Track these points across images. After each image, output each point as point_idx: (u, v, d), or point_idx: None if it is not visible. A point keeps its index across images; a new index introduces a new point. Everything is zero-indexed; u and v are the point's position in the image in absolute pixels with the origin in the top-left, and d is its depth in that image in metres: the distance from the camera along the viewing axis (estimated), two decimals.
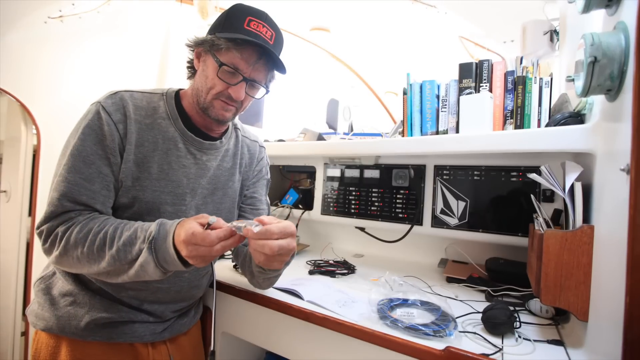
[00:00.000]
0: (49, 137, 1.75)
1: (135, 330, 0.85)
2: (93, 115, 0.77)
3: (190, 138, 0.86)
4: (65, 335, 0.81)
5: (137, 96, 0.82)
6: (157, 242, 0.69)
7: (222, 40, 0.77)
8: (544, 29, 1.48)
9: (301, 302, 0.93)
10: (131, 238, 0.70)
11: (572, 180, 0.78)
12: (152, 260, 0.69)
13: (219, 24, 0.82)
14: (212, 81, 0.80)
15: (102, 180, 0.76)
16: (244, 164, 1.00)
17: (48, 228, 0.74)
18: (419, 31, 2.61)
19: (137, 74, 2.04)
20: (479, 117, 1.09)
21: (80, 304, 0.81)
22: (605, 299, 0.64)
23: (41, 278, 0.88)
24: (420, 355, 0.71)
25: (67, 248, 0.72)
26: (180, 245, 0.67)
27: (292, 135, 1.79)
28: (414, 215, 1.30)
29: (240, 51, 0.78)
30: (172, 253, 0.68)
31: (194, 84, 0.86)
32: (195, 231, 0.65)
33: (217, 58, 0.78)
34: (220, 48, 0.78)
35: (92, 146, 0.76)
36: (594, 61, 0.60)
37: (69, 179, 0.74)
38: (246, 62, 0.79)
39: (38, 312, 0.84)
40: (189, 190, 0.86)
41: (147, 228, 0.71)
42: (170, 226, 0.70)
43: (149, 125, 0.82)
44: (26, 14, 1.60)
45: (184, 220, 0.71)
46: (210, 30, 0.83)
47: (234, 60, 0.78)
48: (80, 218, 0.74)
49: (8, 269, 1.89)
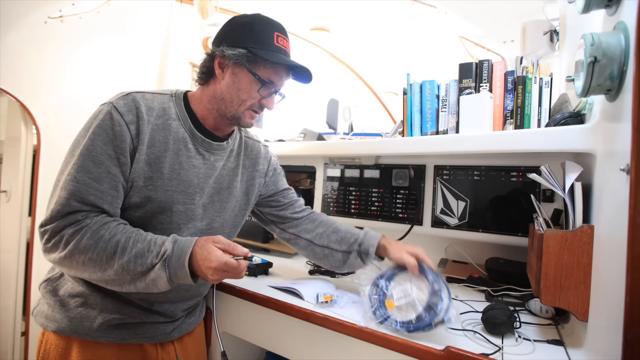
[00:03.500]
0: (49, 137, 1.75)
1: (147, 331, 0.86)
2: (105, 115, 0.77)
3: (200, 139, 0.88)
4: (78, 337, 0.81)
5: (148, 97, 0.83)
6: (172, 260, 0.72)
7: (260, 57, 0.82)
8: (544, 29, 1.48)
9: (301, 302, 0.93)
10: (143, 251, 0.72)
11: (572, 180, 0.78)
12: (164, 276, 0.72)
13: (248, 37, 0.83)
14: (247, 94, 0.85)
15: (110, 180, 0.76)
16: (247, 164, 1.01)
17: (53, 228, 0.73)
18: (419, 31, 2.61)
19: (138, 74, 2.04)
20: (479, 117, 1.09)
21: (92, 305, 0.82)
22: (605, 299, 0.64)
23: (48, 280, 0.88)
24: (420, 355, 0.71)
25: (74, 252, 0.72)
26: (206, 269, 0.72)
27: (292, 135, 1.79)
28: (414, 215, 1.30)
29: (275, 68, 0.86)
30: (186, 272, 0.72)
31: (211, 90, 0.88)
32: (228, 262, 0.71)
33: (257, 74, 0.84)
34: (257, 65, 0.84)
35: (102, 146, 0.76)
36: (594, 61, 0.60)
37: (77, 178, 0.74)
38: (280, 78, 0.88)
39: (48, 313, 0.84)
40: (199, 189, 0.88)
41: (161, 244, 0.73)
42: (185, 246, 0.74)
43: (160, 126, 0.83)
44: (26, 14, 1.60)
45: (200, 241, 0.75)
46: (237, 40, 0.83)
47: (271, 76, 0.86)
48: (88, 222, 0.74)
49: (8, 269, 1.89)
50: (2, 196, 1.93)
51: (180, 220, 0.85)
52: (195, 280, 0.75)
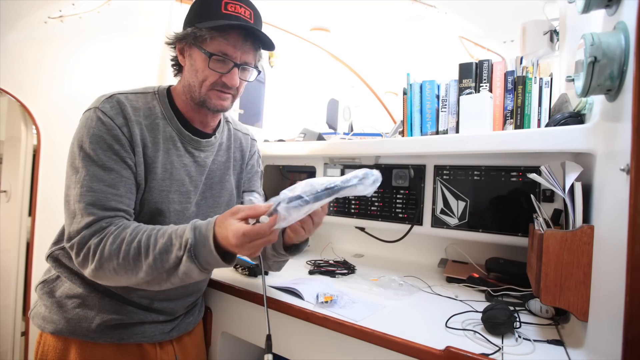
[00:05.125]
0: (49, 137, 1.75)
1: (145, 331, 0.85)
2: (95, 122, 0.75)
3: (188, 137, 0.86)
4: (76, 337, 0.81)
5: (131, 98, 0.81)
6: (197, 248, 0.68)
7: (205, 30, 0.76)
8: (544, 29, 1.48)
9: (301, 302, 0.93)
10: (167, 245, 0.69)
11: (572, 180, 0.78)
12: (195, 267, 0.68)
13: (195, 13, 0.81)
14: (203, 73, 0.80)
15: (125, 184, 0.76)
16: (237, 157, 1.01)
17: (79, 240, 0.72)
18: (419, 31, 2.61)
19: (138, 74, 2.03)
20: (479, 117, 1.09)
21: (89, 306, 0.81)
22: (605, 299, 0.64)
23: (44, 282, 0.87)
24: (420, 355, 0.71)
25: (102, 261, 0.70)
26: (231, 247, 0.66)
27: (292, 135, 1.79)
28: (414, 215, 1.30)
29: (226, 37, 0.78)
30: (215, 255, 0.68)
31: (183, 80, 0.86)
32: (245, 230, 0.64)
33: (204, 49, 0.78)
34: (204, 39, 0.77)
35: (105, 153, 0.74)
36: (594, 61, 0.60)
37: (94, 187, 0.73)
38: (234, 47, 0.79)
39: (45, 315, 0.83)
40: (193, 187, 0.87)
41: (182, 234, 0.70)
42: (206, 230, 0.69)
43: (149, 126, 0.81)
44: (26, 14, 1.60)
45: (219, 219, 0.69)
46: (188, 22, 0.82)
47: (221, 47, 0.78)
48: (111, 229, 0.72)
49: (8, 269, 1.89)
50: (2, 196, 1.93)
51: (177, 220, 0.84)
52: (230, 260, 0.71)
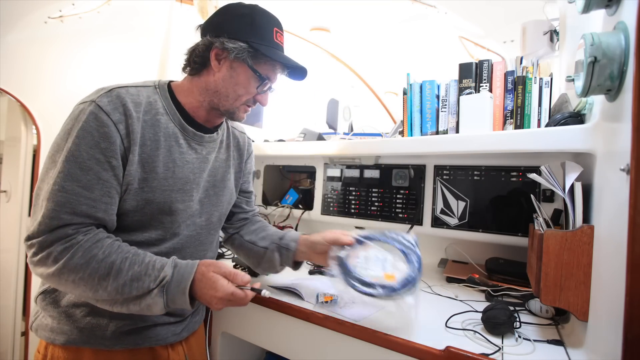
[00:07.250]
0: (49, 137, 1.75)
1: (158, 334, 0.84)
2: (88, 116, 0.70)
3: (191, 133, 0.85)
4: (90, 347, 0.78)
5: (132, 92, 0.77)
6: (171, 286, 0.70)
7: (261, 54, 0.80)
8: (544, 29, 1.48)
9: (301, 302, 0.93)
10: (140, 274, 0.69)
11: (572, 180, 0.78)
12: (161, 302, 0.69)
13: (248, 31, 0.80)
14: (245, 89, 0.83)
15: (102, 187, 0.71)
16: (235, 155, 1.01)
17: (41, 242, 0.68)
18: (419, 31, 2.61)
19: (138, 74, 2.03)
20: (479, 117, 1.09)
21: (100, 313, 0.78)
22: (605, 299, 0.64)
23: (45, 292, 0.82)
24: (420, 355, 0.71)
25: (63, 271, 0.67)
26: (211, 298, 0.71)
27: (292, 135, 1.79)
28: (414, 215, 1.30)
29: (274, 65, 0.84)
30: (186, 299, 0.70)
31: (202, 82, 0.84)
32: (235, 292, 0.71)
33: (258, 71, 0.82)
34: (258, 61, 0.82)
35: (88, 150, 0.70)
36: (594, 61, 0.60)
37: (66, 187, 0.68)
38: (275, 75, 0.87)
39: (54, 326, 0.79)
40: (195, 185, 0.86)
41: (160, 268, 0.70)
42: (187, 272, 0.71)
43: (149, 122, 0.78)
44: (26, 14, 1.60)
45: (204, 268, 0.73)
46: (237, 34, 0.79)
47: (269, 73, 0.84)
48: (80, 239, 0.69)
49: (8, 269, 1.89)
50: (2, 196, 1.93)
51: (180, 219, 0.83)
52: (194, 305, 0.73)
